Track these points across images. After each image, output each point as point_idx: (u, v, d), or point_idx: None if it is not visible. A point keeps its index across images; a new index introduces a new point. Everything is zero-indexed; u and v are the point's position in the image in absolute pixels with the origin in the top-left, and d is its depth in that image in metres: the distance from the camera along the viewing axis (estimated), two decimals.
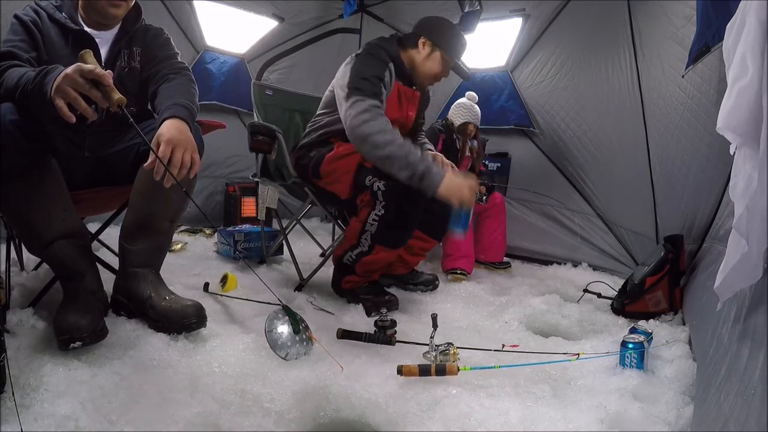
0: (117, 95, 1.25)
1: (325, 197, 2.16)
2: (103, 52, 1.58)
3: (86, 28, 1.56)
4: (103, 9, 1.53)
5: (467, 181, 1.73)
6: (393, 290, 2.18)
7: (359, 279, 2.02)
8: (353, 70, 1.90)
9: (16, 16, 1.50)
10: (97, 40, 1.56)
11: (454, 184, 1.70)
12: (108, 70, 1.25)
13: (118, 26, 1.60)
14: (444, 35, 2.06)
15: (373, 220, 1.86)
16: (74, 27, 1.53)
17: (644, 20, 2.47)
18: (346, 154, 1.94)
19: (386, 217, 1.83)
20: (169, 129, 1.33)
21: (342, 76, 1.93)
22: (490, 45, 3.36)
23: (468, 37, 2.74)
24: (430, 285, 2.30)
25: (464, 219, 1.61)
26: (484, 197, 2.83)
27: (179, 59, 1.68)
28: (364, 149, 1.76)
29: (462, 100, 2.88)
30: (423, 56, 2.06)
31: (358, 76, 1.86)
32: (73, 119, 1.23)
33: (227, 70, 3.59)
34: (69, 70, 1.21)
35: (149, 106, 1.70)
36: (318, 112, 2.17)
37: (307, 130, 2.18)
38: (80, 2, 1.56)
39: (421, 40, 2.06)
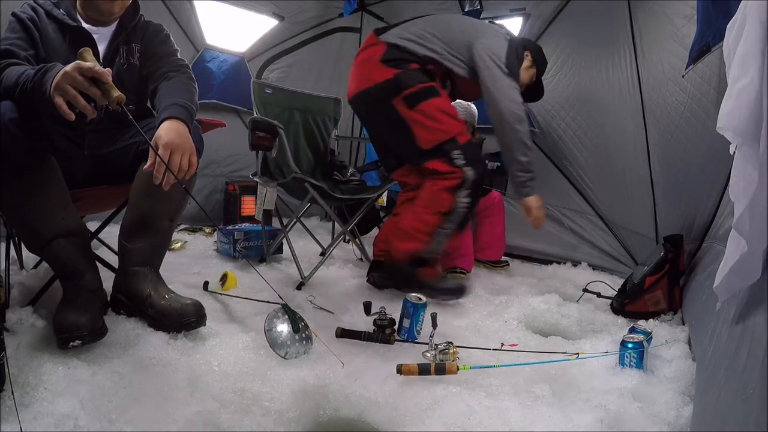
0: (116, 93, 1.25)
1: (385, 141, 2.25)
2: (102, 48, 1.58)
3: (84, 25, 1.56)
4: (99, 6, 1.54)
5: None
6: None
7: (434, 269, 2.06)
8: (510, 56, 2.05)
9: (14, 14, 1.51)
10: (94, 36, 1.56)
11: (541, 203, 2.11)
12: (107, 68, 1.25)
13: (116, 23, 1.60)
14: (542, 58, 2.34)
15: (462, 206, 1.98)
16: (71, 23, 1.53)
17: (645, 20, 2.47)
18: (453, 116, 2.02)
19: (470, 205, 1.99)
20: (168, 132, 1.33)
21: (498, 46, 2.04)
22: None
23: None
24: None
25: (409, 329, 1.64)
26: None
27: (179, 56, 1.68)
28: (508, 119, 1.99)
29: (459, 99, 2.87)
30: (524, 66, 2.23)
31: (514, 68, 2.06)
32: (73, 117, 1.23)
33: (227, 69, 3.58)
34: (68, 68, 1.21)
35: (149, 104, 1.70)
36: (436, 42, 2.06)
37: (410, 37, 2.06)
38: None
39: (526, 52, 2.24)
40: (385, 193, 3.00)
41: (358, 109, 2.28)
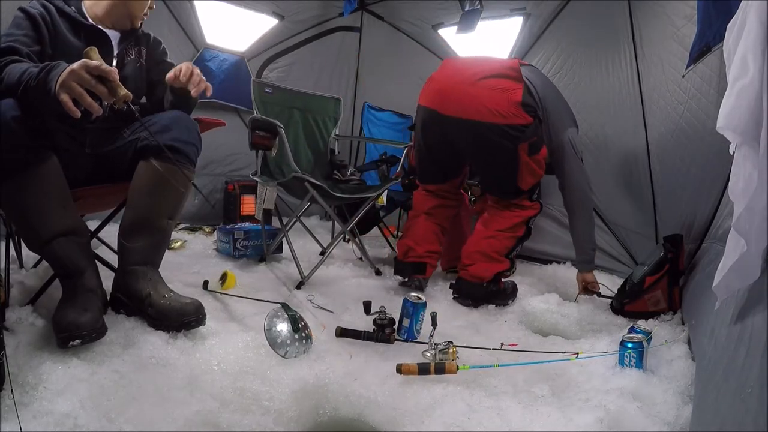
0: (123, 91, 1.28)
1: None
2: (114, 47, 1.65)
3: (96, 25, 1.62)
4: (137, 13, 1.66)
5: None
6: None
7: (502, 282, 2.22)
8: (579, 143, 2.28)
9: (22, 10, 1.51)
10: None
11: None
12: (113, 67, 1.27)
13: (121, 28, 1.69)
14: None
15: (531, 231, 2.25)
16: (87, 23, 1.58)
17: (645, 20, 2.47)
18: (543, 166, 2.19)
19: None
20: (187, 63, 1.55)
21: (577, 137, 2.25)
22: (490, 44, 3.35)
23: (468, 36, 2.79)
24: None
25: (409, 329, 1.65)
26: (473, 199, 2.82)
27: None
28: (586, 205, 2.25)
29: None
30: None
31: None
32: (78, 114, 1.24)
33: (227, 68, 3.59)
34: (75, 65, 1.23)
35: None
36: (546, 110, 2.18)
37: (537, 91, 2.14)
38: (105, 3, 1.61)
39: None
40: (385, 193, 3.00)
41: (456, 128, 2.10)
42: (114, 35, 1.66)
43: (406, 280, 2.29)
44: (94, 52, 1.33)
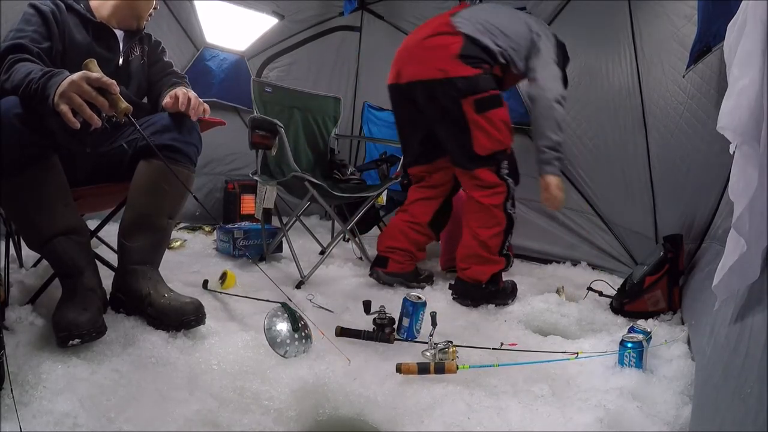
0: (123, 104, 1.29)
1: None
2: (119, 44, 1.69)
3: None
4: (142, 14, 1.69)
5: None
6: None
7: (501, 280, 2.15)
8: (557, 49, 2.10)
9: (33, 6, 1.52)
10: None
11: (562, 186, 2.10)
12: (113, 80, 1.29)
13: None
14: (566, 54, 2.26)
15: (514, 216, 2.10)
16: (96, 20, 1.61)
17: (645, 20, 2.47)
18: (510, 129, 2.06)
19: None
20: (182, 89, 1.57)
21: (552, 46, 2.08)
22: None
23: None
24: (430, 280, 2.38)
25: (409, 328, 1.65)
26: None
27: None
28: (552, 103, 2.00)
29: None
30: None
31: (560, 62, 2.09)
32: (78, 126, 1.25)
33: (227, 68, 3.58)
34: (75, 76, 1.23)
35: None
36: (503, 39, 2.04)
37: (482, 30, 2.01)
38: (111, 3, 1.64)
39: None
40: (385, 192, 3.00)
41: (413, 95, 2.11)
42: (119, 34, 1.68)
43: (370, 273, 2.33)
44: (93, 63, 1.34)
